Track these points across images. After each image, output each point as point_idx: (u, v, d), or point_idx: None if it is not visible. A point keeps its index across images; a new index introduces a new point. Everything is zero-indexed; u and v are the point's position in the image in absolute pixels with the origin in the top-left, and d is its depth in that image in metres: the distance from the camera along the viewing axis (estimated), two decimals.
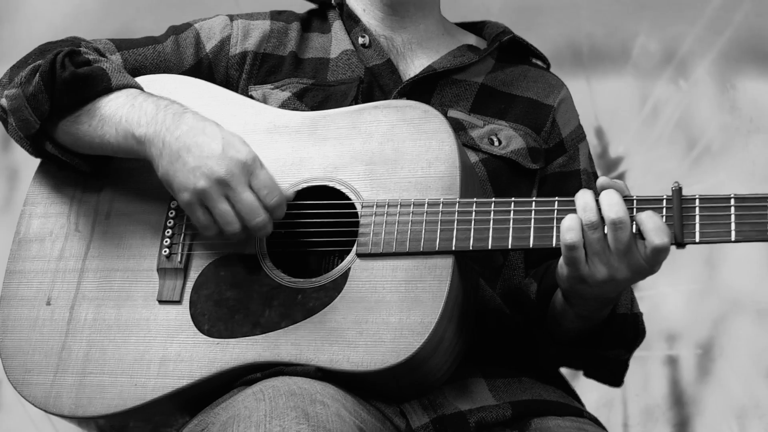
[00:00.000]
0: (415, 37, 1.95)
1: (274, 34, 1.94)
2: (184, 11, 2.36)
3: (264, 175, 1.67)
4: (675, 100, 3.51)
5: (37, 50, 1.84)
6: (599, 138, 3.52)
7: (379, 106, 1.76)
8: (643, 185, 3.44)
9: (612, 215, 1.56)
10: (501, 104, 1.90)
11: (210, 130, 1.68)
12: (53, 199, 1.85)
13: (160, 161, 1.68)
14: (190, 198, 1.67)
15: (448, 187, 1.68)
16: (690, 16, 3.40)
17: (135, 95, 1.74)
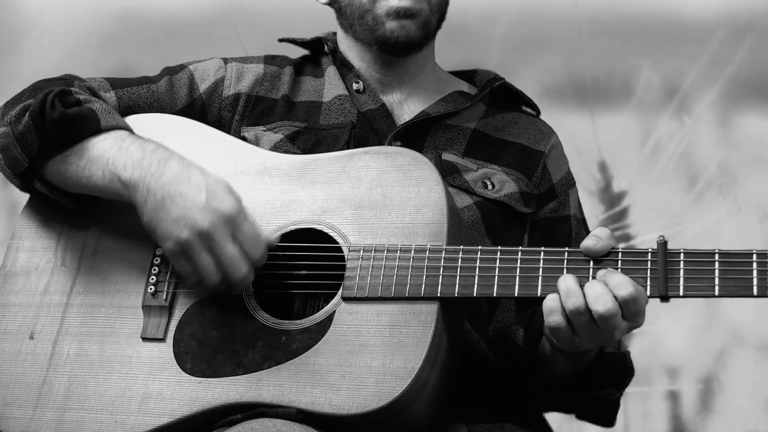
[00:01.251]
0: (413, 88, 1.98)
1: (267, 77, 1.97)
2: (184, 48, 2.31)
3: (248, 228, 1.68)
4: (678, 136, 3.47)
5: (31, 87, 1.86)
6: (602, 172, 3.48)
7: (369, 152, 1.78)
8: (645, 220, 3.40)
9: (600, 308, 1.57)
10: (493, 149, 1.93)
11: (195, 178, 1.68)
12: (41, 233, 1.86)
13: (145, 208, 1.70)
14: (173, 248, 1.68)
15: (435, 233, 1.69)
16: (692, 51, 3.37)
17: (123, 137, 1.76)
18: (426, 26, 1.90)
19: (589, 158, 3.47)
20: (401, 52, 1.92)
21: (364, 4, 1.90)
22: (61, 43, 3.28)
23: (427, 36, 1.91)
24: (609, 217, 3.46)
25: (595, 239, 1.62)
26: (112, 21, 3.32)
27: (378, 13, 1.88)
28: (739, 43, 3.36)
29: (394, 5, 1.87)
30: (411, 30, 1.88)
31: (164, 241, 1.68)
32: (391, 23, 1.88)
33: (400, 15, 1.87)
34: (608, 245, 1.62)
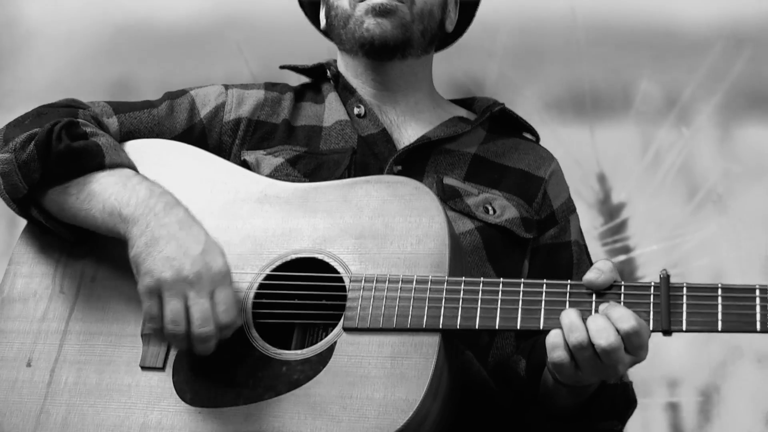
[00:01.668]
0: (408, 109, 1.98)
1: (268, 103, 1.97)
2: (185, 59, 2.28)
3: (228, 293, 1.65)
4: (677, 147, 3.44)
5: (34, 112, 1.84)
6: (601, 184, 3.45)
7: (370, 181, 1.77)
8: (645, 233, 3.37)
9: (602, 342, 1.55)
10: (494, 174, 1.93)
11: (196, 230, 1.67)
12: (39, 259, 1.84)
13: (138, 241, 1.67)
14: (151, 284, 1.64)
15: (437, 264, 1.67)
16: (691, 63, 3.34)
17: (129, 176, 1.74)
18: (404, 29, 1.91)
19: (588, 170, 3.44)
20: (381, 52, 1.92)
21: (346, 9, 1.93)
22: (62, 55, 3.26)
23: (407, 41, 1.92)
24: (608, 229, 3.44)
25: (598, 272, 1.61)
26: (112, 33, 3.30)
27: (357, 15, 1.92)
28: (738, 55, 3.34)
29: (371, 3, 1.90)
30: (386, 28, 1.90)
31: (145, 275, 1.64)
32: (369, 21, 1.90)
33: (376, 12, 1.89)
34: (611, 278, 1.61)
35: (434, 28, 1.97)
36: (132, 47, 3.22)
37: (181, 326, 1.63)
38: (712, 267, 3.39)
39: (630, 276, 3.43)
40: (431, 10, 1.95)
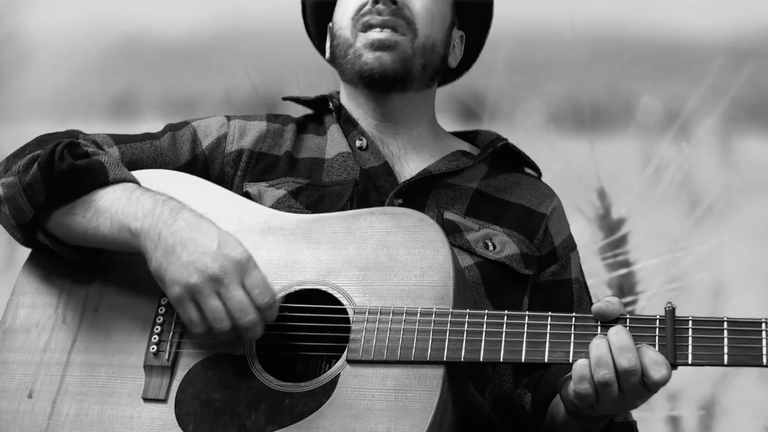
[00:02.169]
0: (410, 142, 1.96)
1: (270, 134, 1.94)
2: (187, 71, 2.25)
3: (257, 275, 1.65)
4: (678, 161, 3.41)
5: (35, 141, 1.82)
6: (601, 199, 3.42)
7: (374, 212, 1.75)
8: (645, 247, 3.35)
9: (624, 363, 1.55)
10: (495, 209, 1.90)
11: (206, 227, 1.66)
12: (42, 289, 1.81)
13: (154, 254, 1.66)
14: (181, 292, 1.64)
15: (441, 296, 1.65)
16: (692, 77, 3.31)
17: (132, 189, 1.73)
18: (404, 63, 1.89)
19: (588, 184, 3.41)
20: (380, 85, 1.90)
21: (348, 39, 1.91)
22: (64, 67, 3.24)
23: (406, 74, 1.90)
24: (608, 244, 3.41)
25: (607, 303, 1.60)
26: (114, 46, 3.28)
27: (358, 46, 1.90)
28: (739, 69, 3.31)
29: (371, 38, 1.88)
30: (386, 62, 1.87)
31: (172, 286, 1.64)
32: (368, 54, 1.88)
33: (375, 46, 1.88)
34: (619, 311, 1.60)
35: (437, 62, 1.94)
36: (134, 61, 3.21)
37: (225, 322, 1.62)
38: (713, 281, 3.37)
39: (630, 290, 3.41)
40: (434, 45, 1.92)
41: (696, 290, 3.34)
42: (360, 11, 1.90)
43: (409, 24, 1.89)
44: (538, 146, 3.39)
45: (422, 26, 1.90)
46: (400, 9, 1.89)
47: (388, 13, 1.88)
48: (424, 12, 1.91)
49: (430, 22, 1.91)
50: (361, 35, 1.89)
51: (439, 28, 1.93)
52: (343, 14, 1.93)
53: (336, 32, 1.95)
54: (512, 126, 3.61)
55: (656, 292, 3.33)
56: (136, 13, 3.23)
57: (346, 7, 1.93)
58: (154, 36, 3.21)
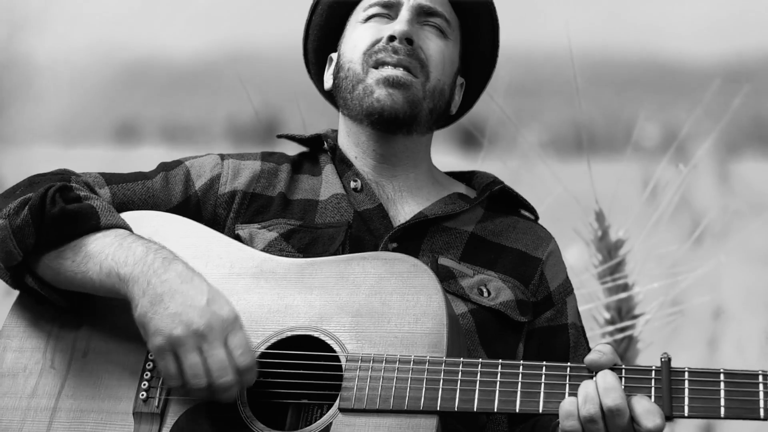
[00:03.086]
0: (406, 185, 1.89)
1: (264, 174, 1.87)
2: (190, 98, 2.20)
3: (241, 336, 1.59)
4: (675, 184, 3.34)
5: (26, 182, 1.77)
6: (600, 222, 3.35)
7: (367, 257, 1.68)
8: (644, 270, 3.28)
9: (609, 402, 1.50)
10: (490, 254, 1.83)
11: (198, 281, 1.61)
12: (30, 333, 1.75)
13: (141, 301, 1.60)
14: (163, 343, 1.58)
15: (435, 344, 1.59)
16: (689, 100, 3.25)
17: (124, 236, 1.67)
18: (414, 105, 1.82)
19: (586, 207, 3.36)
20: (388, 124, 1.83)
21: (358, 73, 1.84)
22: (66, 98, 3.20)
23: (414, 117, 1.83)
24: (607, 267, 3.35)
25: (600, 354, 1.54)
26: (117, 71, 3.24)
27: (369, 82, 1.83)
28: (736, 92, 3.26)
29: (384, 74, 1.82)
30: (398, 100, 1.81)
31: (155, 335, 1.58)
32: (380, 91, 1.81)
33: (389, 83, 1.81)
34: (612, 361, 1.54)
35: (442, 107, 1.88)
36: (137, 87, 3.17)
37: (202, 379, 1.57)
38: (712, 304, 3.32)
39: (628, 313, 3.35)
40: (443, 89, 1.86)
41: (695, 314, 3.28)
42: (373, 47, 1.84)
43: (423, 66, 1.83)
44: (537, 169, 3.34)
45: (434, 70, 1.84)
46: (415, 50, 1.83)
47: (404, 53, 1.82)
48: (437, 55, 1.85)
49: (441, 67, 1.85)
50: (374, 71, 1.82)
51: (448, 73, 1.88)
52: (354, 47, 1.87)
53: (343, 64, 1.87)
54: (511, 150, 3.56)
55: (655, 315, 3.28)
56: (141, 39, 3.19)
57: (357, 40, 1.86)
58: (157, 62, 3.17)
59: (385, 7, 1.87)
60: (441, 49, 1.86)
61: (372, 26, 1.86)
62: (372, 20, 1.87)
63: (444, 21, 1.87)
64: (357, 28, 1.88)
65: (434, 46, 1.85)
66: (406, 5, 1.86)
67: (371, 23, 1.87)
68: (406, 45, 1.82)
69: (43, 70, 3.25)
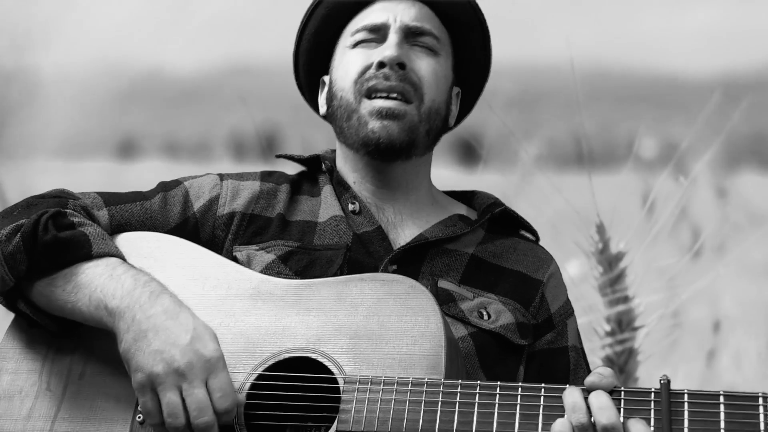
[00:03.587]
0: (406, 207, 1.85)
1: (263, 195, 1.84)
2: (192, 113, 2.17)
3: (223, 378, 1.56)
4: (675, 196, 3.32)
5: (24, 203, 1.75)
6: (600, 234, 3.33)
7: (365, 279, 1.66)
8: (644, 282, 3.26)
9: (603, 420, 1.47)
10: (491, 276, 1.80)
11: (183, 318, 1.58)
12: (26, 354, 1.72)
13: (125, 336, 1.58)
14: (144, 380, 1.56)
15: (433, 366, 1.57)
16: (689, 113, 3.24)
17: (115, 266, 1.65)
18: (411, 131, 1.78)
19: (586, 220, 3.34)
20: (385, 155, 1.79)
21: (351, 103, 1.80)
22: (69, 113, 3.19)
23: (412, 142, 1.79)
24: (607, 279, 3.33)
25: (599, 377, 1.51)
26: (122, 86, 3.23)
27: (363, 113, 1.79)
28: (735, 106, 3.24)
29: (377, 105, 1.77)
30: (393, 131, 1.77)
31: (136, 371, 1.56)
32: (374, 123, 1.77)
33: (383, 115, 1.77)
34: (611, 384, 1.51)
35: (439, 125, 1.84)
36: (140, 101, 3.15)
37: (180, 419, 1.53)
38: (711, 316, 3.29)
39: (628, 326, 3.32)
40: (438, 108, 1.82)
41: (694, 326, 3.26)
42: (364, 74, 1.79)
43: (416, 90, 1.79)
44: (537, 182, 3.33)
45: (428, 91, 1.80)
46: (407, 74, 1.78)
47: (396, 78, 1.77)
48: (430, 75, 1.81)
49: (435, 87, 1.81)
50: (366, 102, 1.78)
51: (443, 90, 1.83)
52: (344, 75, 1.82)
53: (336, 93, 1.84)
54: (511, 162, 3.54)
55: (655, 327, 3.26)
56: (142, 56, 3.18)
57: (347, 67, 1.82)
58: (159, 78, 3.15)
59: (372, 31, 1.82)
60: (433, 68, 1.81)
61: (361, 52, 1.82)
62: (360, 45, 1.82)
63: (433, 38, 1.83)
64: (346, 53, 1.84)
65: (426, 66, 1.80)
66: (393, 27, 1.81)
67: (360, 49, 1.82)
68: (397, 70, 1.77)
69: (46, 85, 3.23)
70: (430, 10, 1.85)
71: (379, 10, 1.83)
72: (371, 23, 1.82)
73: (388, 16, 1.82)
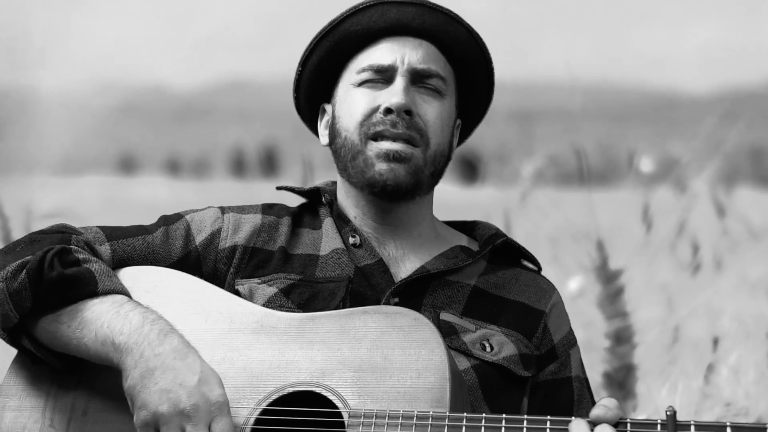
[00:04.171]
0: (408, 243, 1.83)
1: (265, 228, 1.83)
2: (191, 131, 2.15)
3: (226, 423, 1.55)
4: (673, 214, 3.33)
5: (27, 239, 1.73)
6: (599, 250, 3.32)
7: (368, 311, 1.64)
8: (642, 298, 3.26)
9: None
10: (493, 308, 1.79)
11: (191, 359, 1.57)
12: (29, 391, 1.70)
13: (132, 372, 1.57)
14: (148, 418, 1.55)
15: (438, 399, 1.55)
16: (688, 130, 3.23)
17: (121, 303, 1.64)
18: (416, 174, 1.77)
19: (586, 236, 3.33)
20: (391, 196, 1.78)
21: (356, 144, 1.78)
22: (69, 130, 3.17)
23: (417, 185, 1.78)
24: (606, 295, 3.33)
25: (605, 409, 1.50)
26: (122, 104, 3.21)
27: (369, 154, 1.77)
28: (733, 123, 3.24)
29: (384, 148, 1.75)
30: (400, 174, 1.76)
31: (140, 409, 1.55)
32: (381, 165, 1.76)
33: (390, 158, 1.75)
34: (617, 416, 1.50)
35: (443, 165, 1.82)
36: (137, 118, 3.13)
37: None
38: (711, 332, 3.28)
39: (628, 341, 3.32)
40: (442, 151, 1.80)
41: (693, 341, 3.26)
42: (370, 117, 1.77)
43: (422, 135, 1.76)
44: (537, 199, 3.32)
45: (434, 136, 1.78)
46: (414, 121, 1.76)
47: (403, 126, 1.75)
48: (436, 120, 1.78)
49: (440, 131, 1.79)
50: (373, 144, 1.76)
51: (447, 132, 1.81)
52: (349, 114, 1.79)
53: (340, 131, 1.80)
54: (510, 179, 3.53)
55: (654, 343, 3.25)
56: (141, 73, 3.17)
57: (352, 107, 1.79)
58: (157, 96, 3.14)
59: (379, 72, 1.79)
60: (439, 112, 1.79)
61: (366, 93, 1.78)
62: (366, 85, 1.79)
63: (439, 80, 1.80)
64: (351, 91, 1.81)
65: (432, 111, 1.78)
66: (400, 70, 1.78)
67: (365, 89, 1.79)
68: (404, 117, 1.75)
69: (46, 102, 3.23)
70: (436, 50, 1.81)
71: (385, 49, 1.80)
72: (378, 64, 1.79)
73: (395, 57, 1.79)
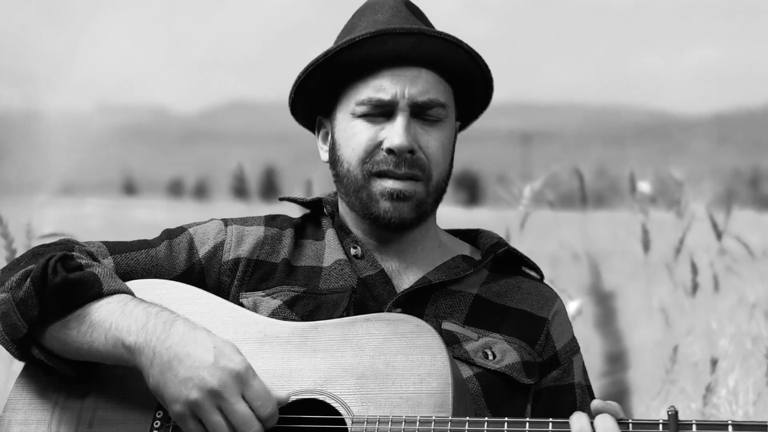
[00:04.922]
0: (411, 257, 1.83)
1: (268, 240, 1.83)
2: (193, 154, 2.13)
3: (257, 385, 1.56)
4: (669, 235, 3.31)
5: (30, 253, 1.73)
6: (594, 272, 3.31)
7: (370, 319, 1.64)
8: (637, 320, 3.25)
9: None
10: (495, 316, 1.79)
11: (201, 338, 1.58)
12: (35, 405, 1.70)
13: (151, 371, 1.58)
14: (182, 410, 1.56)
15: (440, 404, 1.56)
16: (686, 152, 3.22)
17: (126, 302, 1.64)
18: (420, 207, 1.77)
19: (582, 258, 3.32)
20: (395, 230, 1.79)
21: (359, 180, 1.77)
22: (72, 152, 3.15)
23: (421, 216, 1.78)
24: (602, 317, 3.30)
25: (605, 403, 1.51)
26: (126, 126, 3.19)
27: (373, 191, 1.76)
28: (731, 143, 3.22)
29: (388, 187, 1.75)
30: (404, 212, 1.75)
31: (172, 403, 1.55)
32: (385, 203, 1.75)
33: (394, 197, 1.75)
34: (617, 408, 1.51)
35: (444, 185, 1.81)
36: (142, 139, 3.12)
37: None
38: (708, 353, 3.26)
39: (623, 364, 3.29)
40: (445, 178, 1.80)
41: (692, 363, 3.23)
42: (372, 155, 1.75)
43: (425, 170, 1.75)
44: (534, 220, 3.30)
45: (436, 168, 1.77)
46: (416, 159, 1.74)
47: (406, 165, 1.74)
48: (438, 151, 1.76)
49: (443, 159, 1.78)
50: (377, 181, 1.75)
51: (448, 155, 1.80)
52: (350, 148, 1.77)
53: (341, 160, 1.78)
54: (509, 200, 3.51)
55: (650, 364, 3.22)
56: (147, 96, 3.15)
57: (353, 140, 1.76)
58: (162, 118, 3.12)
59: (379, 106, 1.76)
60: (441, 142, 1.77)
61: (367, 126, 1.76)
62: (366, 118, 1.76)
63: (440, 108, 1.77)
64: (351, 122, 1.78)
65: (434, 143, 1.76)
66: (401, 105, 1.74)
67: (365, 122, 1.76)
68: (406, 157, 1.74)
69: (50, 125, 3.22)
70: (435, 75, 1.77)
71: (385, 82, 1.75)
72: (377, 99, 1.75)
73: (395, 91, 1.75)
